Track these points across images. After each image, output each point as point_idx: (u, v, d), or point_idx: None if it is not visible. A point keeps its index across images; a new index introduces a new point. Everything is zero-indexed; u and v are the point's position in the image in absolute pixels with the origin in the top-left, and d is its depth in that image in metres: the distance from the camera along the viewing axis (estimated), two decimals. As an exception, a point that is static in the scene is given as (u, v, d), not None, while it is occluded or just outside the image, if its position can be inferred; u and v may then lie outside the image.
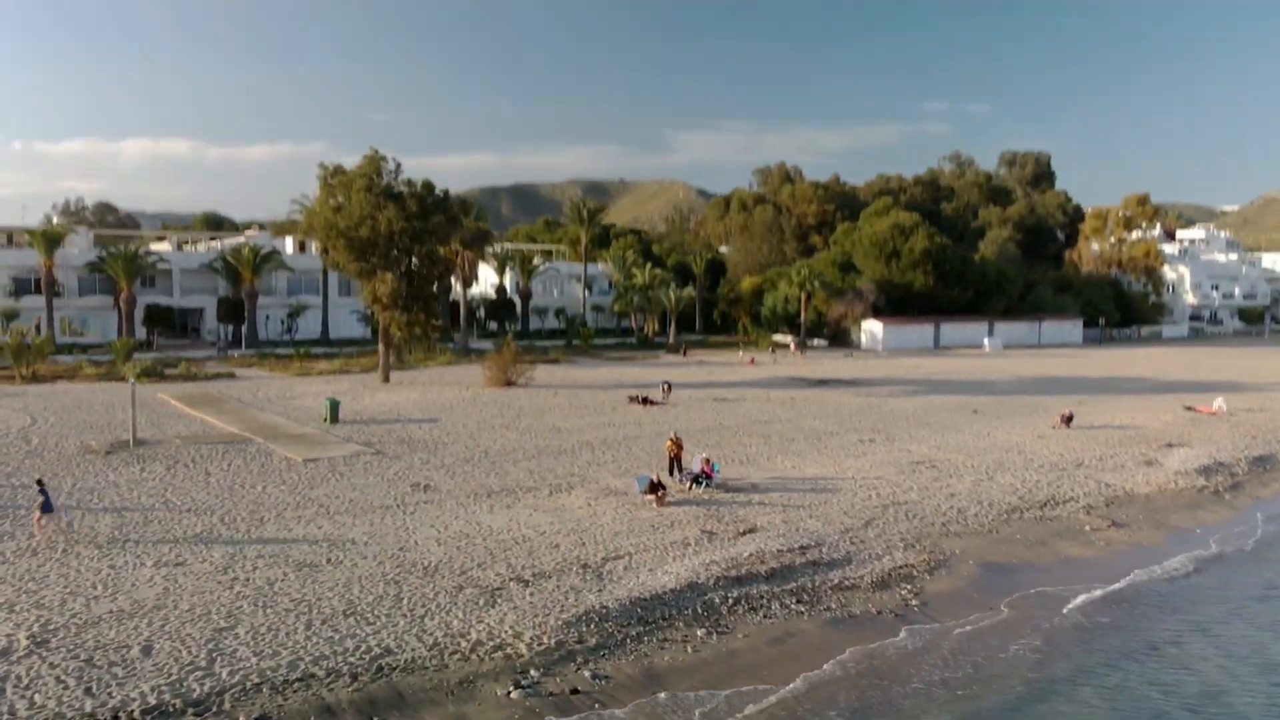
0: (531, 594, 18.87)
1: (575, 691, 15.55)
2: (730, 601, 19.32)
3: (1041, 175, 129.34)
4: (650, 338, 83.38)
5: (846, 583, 20.82)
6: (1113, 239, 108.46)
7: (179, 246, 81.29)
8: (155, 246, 77.73)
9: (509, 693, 15.28)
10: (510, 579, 19.66)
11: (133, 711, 13.84)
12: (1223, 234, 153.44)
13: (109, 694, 14.22)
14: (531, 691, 15.38)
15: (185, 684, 14.64)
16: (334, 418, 36.77)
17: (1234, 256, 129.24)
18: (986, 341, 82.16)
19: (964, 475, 30.78)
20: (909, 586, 20.92)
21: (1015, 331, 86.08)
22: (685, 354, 72.01)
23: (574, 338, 78.04)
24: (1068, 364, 70.38)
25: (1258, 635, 19.42)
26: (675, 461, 29.00)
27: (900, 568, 21.89)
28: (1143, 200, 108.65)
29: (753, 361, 67.27)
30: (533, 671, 15.98)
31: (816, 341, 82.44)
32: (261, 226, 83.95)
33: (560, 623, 17.57)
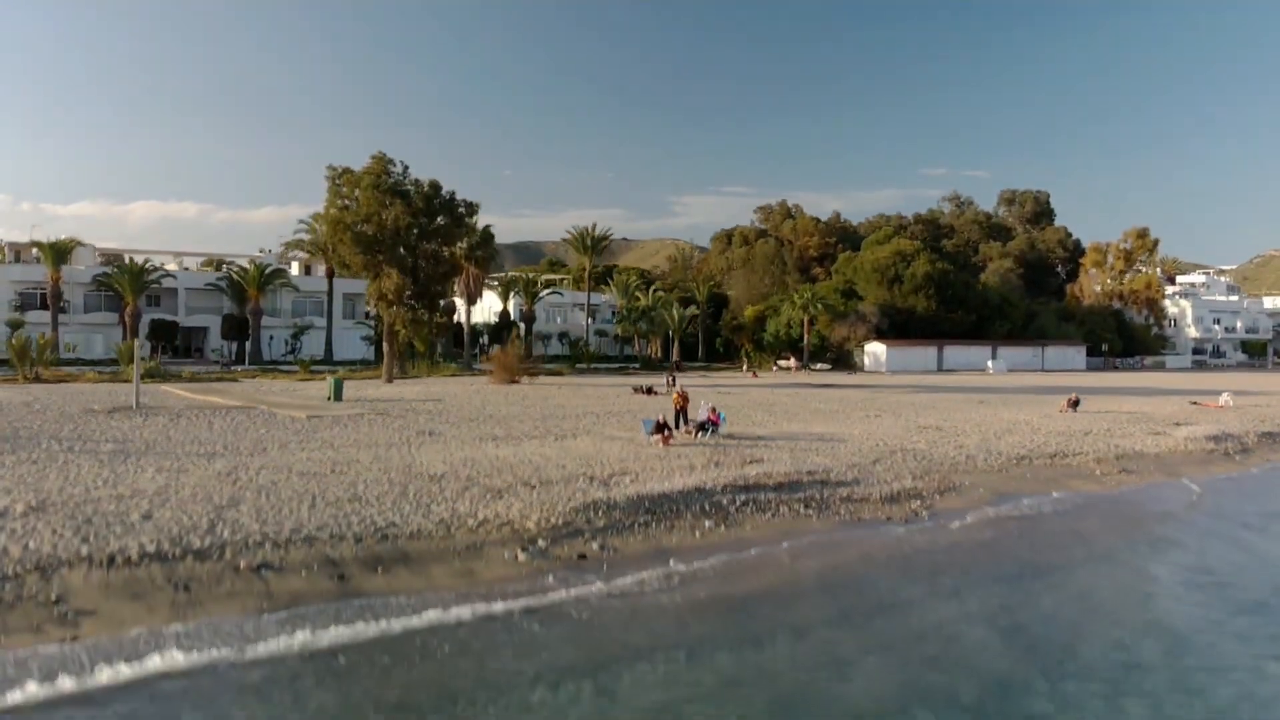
0: (538, 494, 18.60)
1: (582, 557, 15.29)
2: (738, 503, 19.03)
3: (1041, 213, 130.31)
4: (654, 359, 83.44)
5: (856, 496, 20.53)
6: (1114, 271, 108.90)
7: (184, 269, 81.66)
8: (159, 258, 77.86)
9: (516, 555, 15.01)
10: (517, 484, 19.41)
11: (130, 555, 13.57)
12: (1223, 278, 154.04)
13: (106, 543, 13.97)
14: (538, 555, 15.11)
15: (185, 539, 14.38)
16: (337, 395, 36.64)
17: (1234, 298, 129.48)
18: (990, 364, 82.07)
19: (971, 435, 30.54)
20: (919, 502, 20.63)
21: (1019, 356, 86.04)
22: (679, 368, 71.98)
23: (577, 359, 78.08)
24: (1072, 379, 70.23)
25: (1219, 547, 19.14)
26: (681, 413, 28.80)
27: (910, 489, 21.60)
28: (1142, 233, 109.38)
29: (755, 374, 67.18)
30: (540, 541, 15.71)
31: (819, 365, 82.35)
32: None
33: (568, 509, 17.31)
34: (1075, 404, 39.79)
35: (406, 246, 46.94)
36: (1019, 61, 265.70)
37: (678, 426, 28.33)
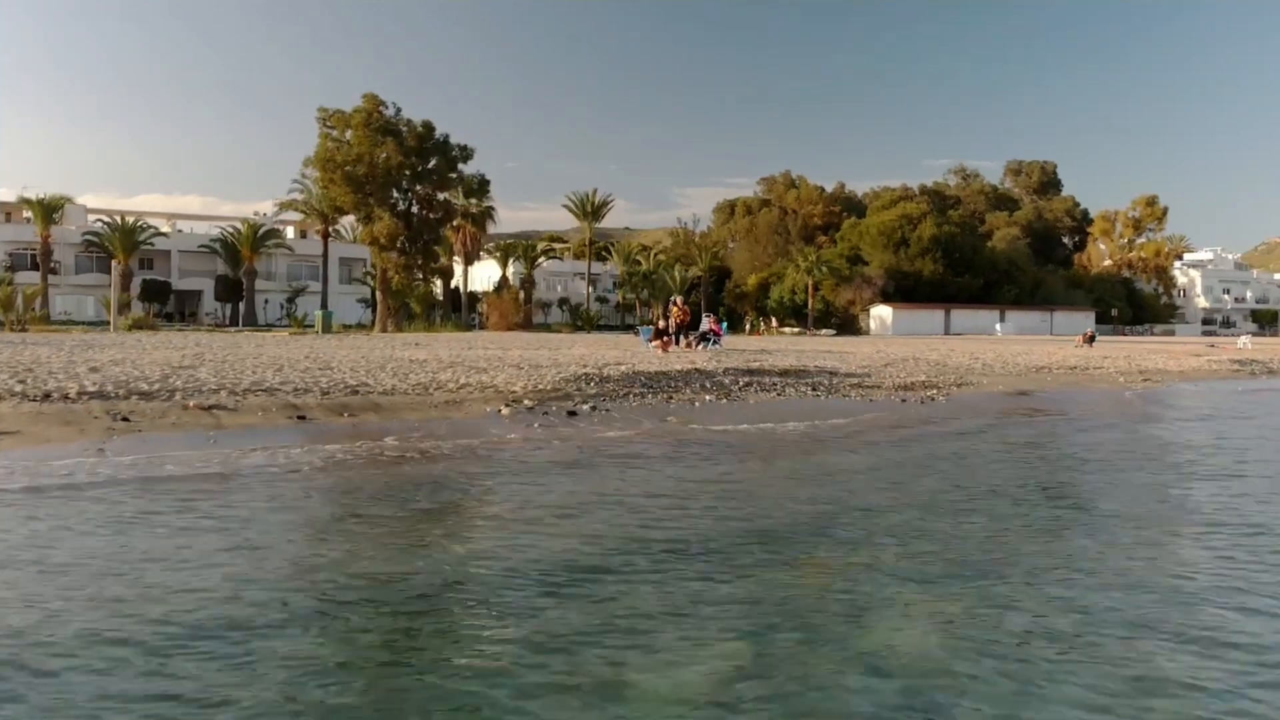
0: (527, 373, 17.29)
1: (572, 414, 13.91)
2: (741, 384, 17.71)
3: (1048, 183, 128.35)
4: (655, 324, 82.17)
5: (867, 384, 19.19)
6: (1122, 240, 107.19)
7: (177, 229, 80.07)
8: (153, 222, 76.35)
9: (500, 410, 13.67)
10: (505, 365, 18.12)
11: (68, 393, 12.31)
12: (1230, 255, 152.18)
13: (43, 384, 12.71)
14: (524, 412, 13.77)
15: (132, 385, 13.11)
16: (326, 328, 35.33)
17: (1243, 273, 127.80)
18: (998, 327, 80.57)
19: (987, 354, 29.20)
20: (935, 390, 19.26)
21: (1027, 320, 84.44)
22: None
23: (578, 324, 76.77)
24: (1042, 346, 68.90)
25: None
26: (682, 328, 27.49)
27: (924, 383, 20.25)
28: (1151, 201, 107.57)
29: (759, 333, 65.89)
30: (526, 401, 14.38)
31: (824, 331, 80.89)
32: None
33: (558, 379, 16.01)
34: (1091, 339, 38.50)
35: (399, 188, 45.55)
36: (1024, 47, 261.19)
37: (677, 343, 27.07)
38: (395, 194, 45.91)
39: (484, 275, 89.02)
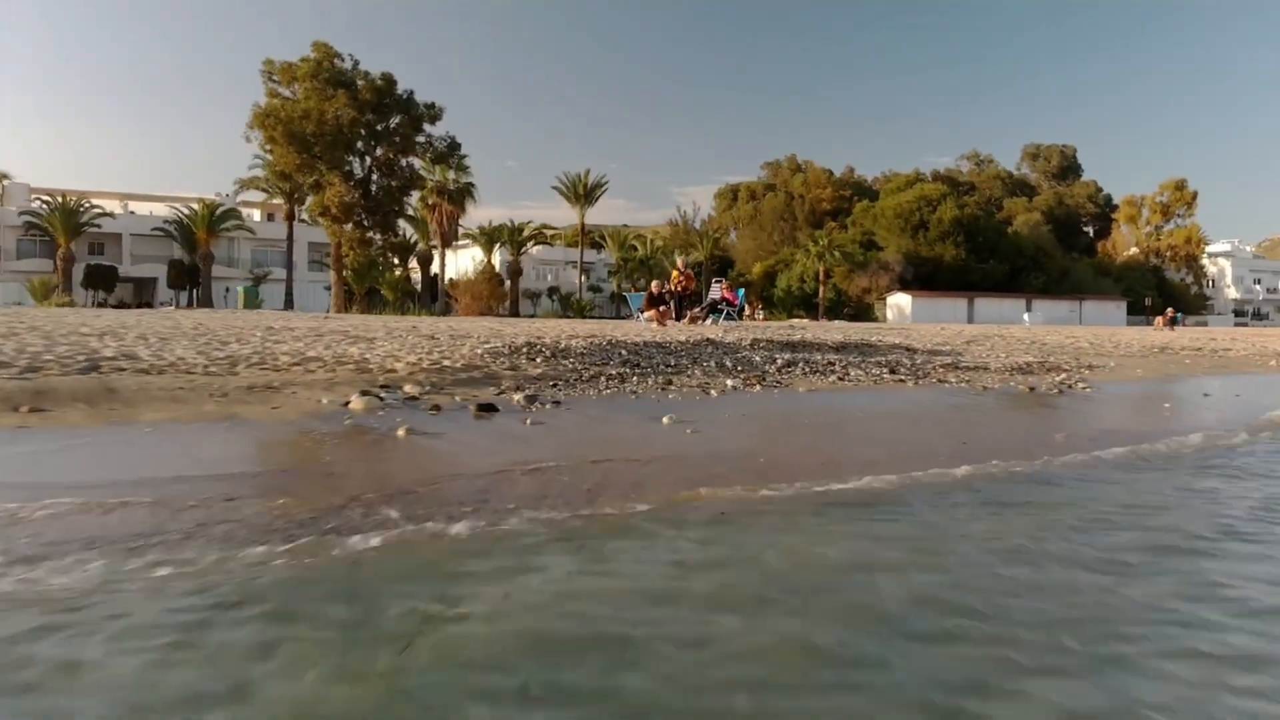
0: (437, 344, 10.96)
1: (488, 409, 7.52)
2: (780, 362, 11.41)
3: (1068, 168, 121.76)
4: (653, 315, 75.88)
5: (963, 364, 12.89)
6: (1149, 226, 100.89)
7: (129, 211, 73.67)
8: (105, 204, 69.98)
9: (346, 403, 7.31)
10: (409, 334, 11.80)
11: None
12: (1248, 247, 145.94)
13: None
14: (393, 406, 7.43)
15: None
16: (250, 304, 29.09)
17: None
18: (1026, 317, 74.30)
19: (1076, 337, 22.90)
20: (1064, 374, 12.96)
21: (1055, 310, 78.13)
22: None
23: (568, 312, 70.55)
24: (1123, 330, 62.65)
25: None
26: (685, 298, 21.24)
27: (1039, 364, 13.95)
28: (1180, 185, 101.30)
29: (762, 322, 59.67)
30: (407, 387, 8.05)
31: (837, 321, 74.63)
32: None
33: (481, 352, 9.69)
34: (1173, 322, 32.24)
35: (353, 150, 39.21)
36: (1024, 40, 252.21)
37: (679, 317, 20.84)
38: (350, 157, 39.55)
39: (469, 264, 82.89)
